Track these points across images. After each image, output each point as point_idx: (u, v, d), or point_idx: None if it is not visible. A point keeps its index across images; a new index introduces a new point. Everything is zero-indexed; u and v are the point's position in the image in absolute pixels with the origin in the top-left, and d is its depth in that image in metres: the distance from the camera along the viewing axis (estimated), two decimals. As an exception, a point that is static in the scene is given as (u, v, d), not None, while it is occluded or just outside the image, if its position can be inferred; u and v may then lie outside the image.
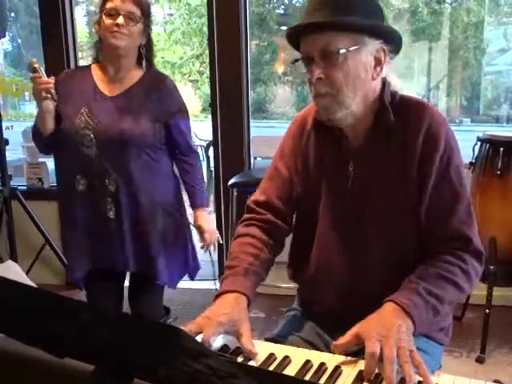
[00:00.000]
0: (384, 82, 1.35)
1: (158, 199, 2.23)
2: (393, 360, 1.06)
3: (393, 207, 1.33)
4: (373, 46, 1.28)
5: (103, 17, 2.08)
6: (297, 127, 1.49)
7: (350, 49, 1.24)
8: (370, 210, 1.34)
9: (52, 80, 2.08)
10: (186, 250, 2.38)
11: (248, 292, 1.31)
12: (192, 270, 2.44)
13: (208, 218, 2.38)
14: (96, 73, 2.21)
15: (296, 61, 1.32)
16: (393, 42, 1.32)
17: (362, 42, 1.26)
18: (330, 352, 1.18)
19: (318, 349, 1.35)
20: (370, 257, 1.36)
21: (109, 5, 2.07)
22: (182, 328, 0.59)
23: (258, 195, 1.51)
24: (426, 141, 1.30)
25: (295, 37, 1.32)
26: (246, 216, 1.51)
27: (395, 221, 1.33)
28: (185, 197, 2.39)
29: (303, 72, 1.31)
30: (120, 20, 2.05)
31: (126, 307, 2.39)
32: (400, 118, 1.32)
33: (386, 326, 1.13)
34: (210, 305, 1.29)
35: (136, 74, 2.20)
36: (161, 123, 2.19)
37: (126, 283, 2.40)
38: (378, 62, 1.30)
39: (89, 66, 2.26)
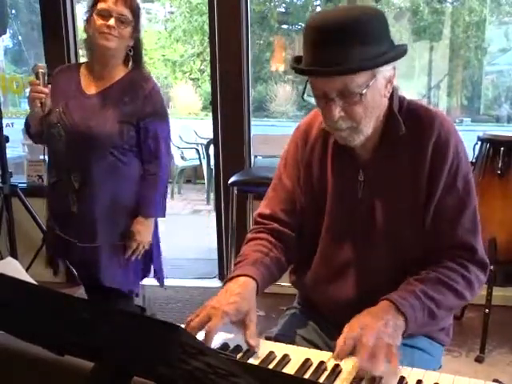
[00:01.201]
0: (392, 90, 1.31)
1: (119, 202, 2.21)
2: (366, 345, 1.08)
3: (402, 216, 1.32)
4: (386, 71, 1.24)
5: (94, 16, 2.08)
6: (301, 135, 1.47)
7: (370, 84, 1.20)
8: (378, 219, 1.34)
9: (47, 90, 2.12)
10: (147, 256, 2.34)
11: (257, 277, 1.30)
12: (156, 275, 2.43)
13: (143, 228, 2.25)
14: (84, 71, 2.23)
15: (304, 92, 1.29)
16: (403, 55, 1.28)
17: (378, 71, 1.21)
18: (330, 351, 1.18)
19: (317, 347, 1.35)
20: (377, 266, 1.35)
21: (101, 5, 2.07)
22: (181, 326, 0.58)
23: (263, 208, 1.50)
24: (435, 150, 1.29)
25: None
26: (254, 226, 1.51)
27: (404, 230, 1.33)
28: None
29: (312, 102, 1.29)
30: (111, 22, 2.06)
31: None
32: (409, 127, 1.30)
33: (374, 318, 1.16)
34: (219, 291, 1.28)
35: (118, 74, 2.20)
36: (130, 125, 2.16)
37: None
38: (389, 80, 1.27)
39: (82, 64, 2.29)
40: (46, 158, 2.43)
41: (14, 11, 6.18)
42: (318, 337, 1.44)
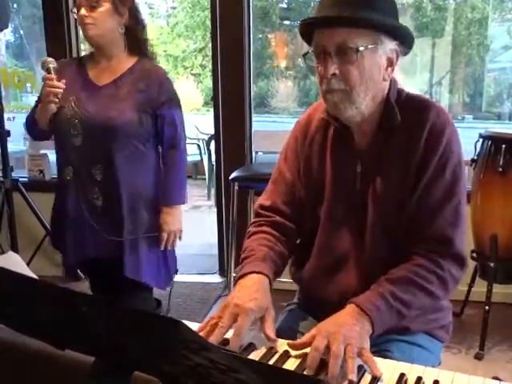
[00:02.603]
0: (391, 81, 1.34)
1: (140, 192, 2.20)
2: (337, 355, 1.07)
3: (395, 206, 1.32)
4: (389, 46, 1.26)
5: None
6: (300, 128, 1.48)
7: (369, 47, 1.23)
8: (373, 209, 1.34)
9: (63, 85, 2.09)
10: (165, 250, 2.33)
11: (268, 273, 1.31)
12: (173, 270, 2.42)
13: (171, 218, 2.25)
14: (89, 62, 2.22)
15: (307, 53, 1.31)
16: (406, 44, 1.31)
17: (379, 40, 1.24)
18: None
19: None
20: (375, 257, 1.35)
21: None
22: (182, 321, 0.59)
23: (263, 200, 1.51)
24: (427, 140, 1.29)
25: (309, 29, 1.30)
26: (254, 219, 1.51)
27: (397, 219, 1.32)
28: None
29: (313, 65, 1.30)
30: (82, 11, 2.05)
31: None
32: (405, 116, 1.31)
33: (338, 324, 1.15)
34: (233, 288, 1.28)
35: (128, 63, 2.18)
36: (147, 113, 2.15)
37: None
38: (390, 64, 1.29)
39: (84, 57, 2.29)
40: (48, 153, 2.42)
41: (15, 5, 6.17)
42: None
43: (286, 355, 1.15)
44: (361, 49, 1.22)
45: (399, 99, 1.34)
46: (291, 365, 1.12)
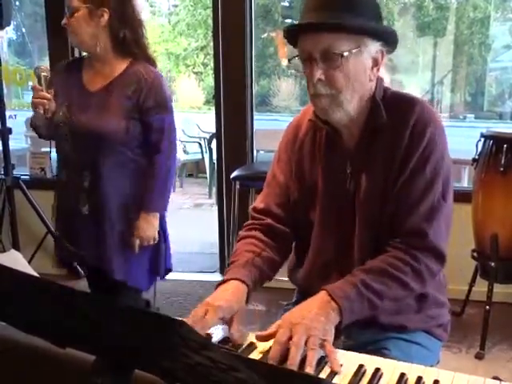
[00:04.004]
0: (377, 79, 1.34)
1: (129, 199, 2.18)
2: (298, 345, 1.08)
3: (377, 205, 1.32)
4: (373, 47, 1.28)
5: None
6: (291, 131, 1.49)
7: (353, 51, 1.24)
8: (361, 209, 1.34)
9: (49, 96, 2.08)
10: (155, 251, 2.31)
11: (247, 280, 1.32)
12: (164, 271, 2.40)
13: (145, 223, 2.19)
14: (86, 66, 2.20)
15: (293, 58, 1.32)
16: (391, 44, 1.32)
17: (363, 43, 1.25)
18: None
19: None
20: (363, 258, 1.34)
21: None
22: (183, 319, 0.59)
23: (258, 202, 1.52)
24: (410, 136, 1.29)
25: (294, 34, 1.31)
26: (247, 222, 1.52)
27: (380, 218, 1.32)
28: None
29: (299, 70, 1.31)
30: (63, 21, 2.05)
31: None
32: (390, 115, 1.32)
33: (302, 315, 1.15)
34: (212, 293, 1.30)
35: (119, 67, 2.13)
36: (135, 119, 2.11)
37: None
38: (375, 63, 1.30)
39: (83, 58, 2.26)
40: (48, 150, 2.43)
41: (17, 3, 6.17)
42: None
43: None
44: (345, 54, 1.23)
45: (385, 98, 1.35)
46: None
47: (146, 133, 2.14)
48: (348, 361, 1.12)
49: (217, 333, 1.23)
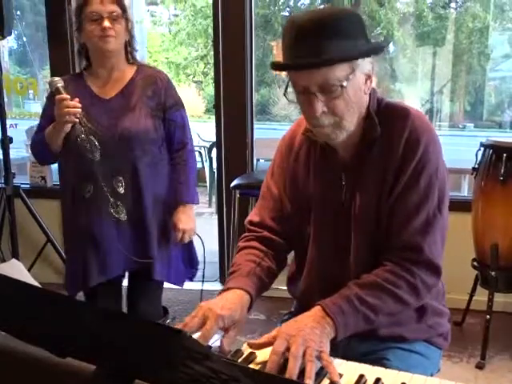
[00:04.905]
0: (370, 91, 1.33)
1: (160, 197, 2.22)
2: (296, 356, 1.08)
3: (372, 219, 1.32)
4: (365, 64, 1.26)
5: (85, 23, 2.07)
6: (285, 145, 1.49)
7: (349, 77, 1.22)
8: (357, 223, 1.34)
9: (79, 104, 2.05)
10: (187, 248, 2.37)
11: (251, 290, 1.32)
12: (194, 269, 2.44)
13: (185, 216, 2.24)
14: (89, 78, 2.20)
15: (286, 90, 1.30)
16: (381, 52, 1.31)
17: (356, 65, 1.23)
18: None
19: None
20: (357, 267, 1.35)
21: (88, 9, 2.05)
22: (185, 330, 0.59)
23: (253, 215, 1.53)
24: (405, 148, 1.28)
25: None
26: (245, 234, 1.53)
27: (375, 232, 1.32)
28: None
29: (295, 101, 1.29)
30: (106, 23, 2.04)
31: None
32: (384, 126, 1.31)
33: (299, 327, 1.16)
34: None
35: (129, 72, 2.19)
36: (159, 118, 2.18)
37: (125, 283, 2.39)
38: (368, 77, 1.28)
39: (80, 74, 2.26)
40: (55, 164, 2.34)
41: (18, 12, 6.20)
42: None
43: (286, 364, 1.15)
44: (344, 84, 1.21)
45: (378, 109, 1.34)
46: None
47: (170, 129, 2.21)
48: (348, 371, 1.12)
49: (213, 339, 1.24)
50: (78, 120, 2.04)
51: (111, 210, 2.13)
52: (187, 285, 2.49)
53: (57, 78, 2.09)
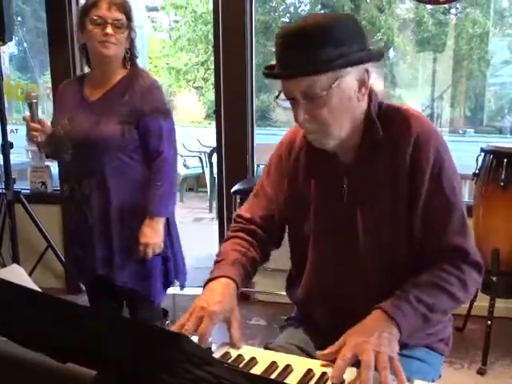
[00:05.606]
0: (370, 95, 1.31)
1: (131, 206, 2.17)
2: (369, 365, 1.07)
3: (384, 222, 1.32)
4: (356, 72, 1.24)
5: (89, 25, 2.08)
6: (285, 147, 1.49)
7: (333, 86, 1.20)
8: (362, 226, 1.34)
9: (39, 126, 2.13)
10: (164, 260, 2.29)
11: (236, 278, 1.34)
12: (179, 278, 2.38)
13: (150, 230, 2.16)
14: (87, 79, 2.24)
15: (278, 96, 1.30)
16: (377, 59, 1.29)
17: (346, 73, 1.21)
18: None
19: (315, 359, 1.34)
20: (364, 270, 1.34)
21: (94, 13, 2.05)
22: (186, 334, 0.58)
23: (243, 211, 1.54)
24: (414, 151, 1.28)
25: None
26: (233, 225, 1.55)
27: (388, 235, 1.32)
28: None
29: (287, 107, 1.30)
30: (109, 30, 2.05)
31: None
32: (388, 129, 1.30)
33: (366, 334, 1.14)
34: (202, 290, 1.32)
35: (118, 76, 2.18)
36: (131, 124, 2.12)
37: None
38: (363, 84, 1.26)
39: (83, 76, 2.31)
40: (51, 166, 2.47)
41: (19, 18, 6.22)
42: (313, 348, 1.43)
43: (287, 369, 1.14)
44: (325, 93, 1.20)
45: (380, 112, 1.33)
46: (293, 379, 1.11)
47: (145, 138, 2.14)
48: (351, 377, 1.11)
49: (219, 348, 1.23)
50: (39, 139, 2.14)
51: (82, 212, 2.17)
52: (186, 290, 2.48)
53: (33, 94, 2.18)
